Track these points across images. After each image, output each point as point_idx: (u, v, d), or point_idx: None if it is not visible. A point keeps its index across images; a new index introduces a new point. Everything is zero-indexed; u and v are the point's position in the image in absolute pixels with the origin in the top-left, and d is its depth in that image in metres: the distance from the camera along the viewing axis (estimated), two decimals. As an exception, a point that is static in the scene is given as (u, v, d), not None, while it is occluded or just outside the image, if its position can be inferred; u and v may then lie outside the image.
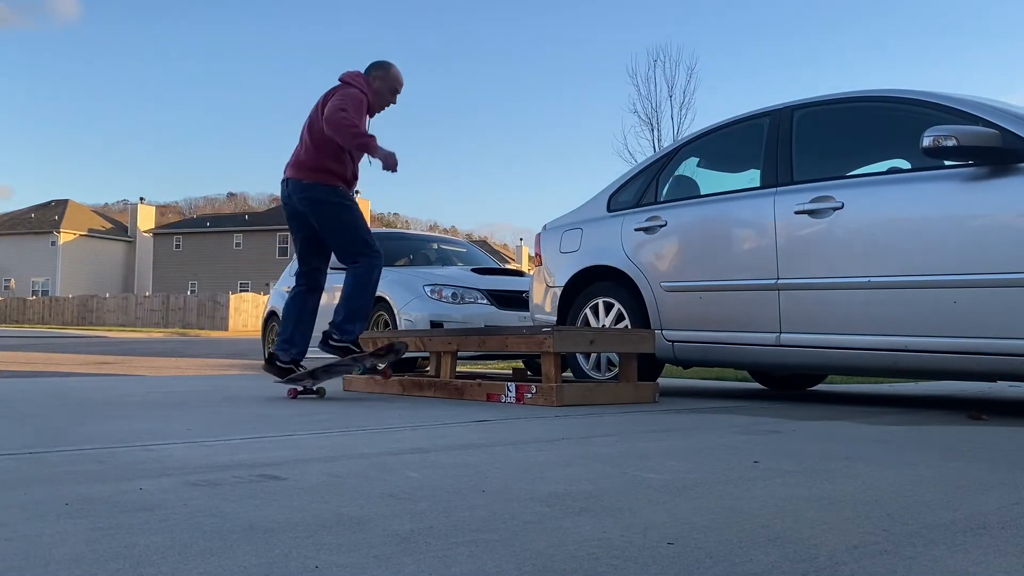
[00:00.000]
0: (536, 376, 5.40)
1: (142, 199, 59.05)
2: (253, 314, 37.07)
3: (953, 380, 3.90)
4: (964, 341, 3.26)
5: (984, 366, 3.24)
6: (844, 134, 4.06)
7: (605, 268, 4.72)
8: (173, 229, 56.09)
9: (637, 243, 4.57)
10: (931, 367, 3.41)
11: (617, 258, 4.64)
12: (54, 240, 53.86)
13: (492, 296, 6.71)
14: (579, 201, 5.24)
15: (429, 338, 4.58)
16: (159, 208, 69.39)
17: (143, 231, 57.00)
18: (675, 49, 53.59)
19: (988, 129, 3.25)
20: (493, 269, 7.47)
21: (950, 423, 3.08)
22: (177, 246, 53.91)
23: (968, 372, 3.34)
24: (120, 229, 59.49)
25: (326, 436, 2.61)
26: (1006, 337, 3.15)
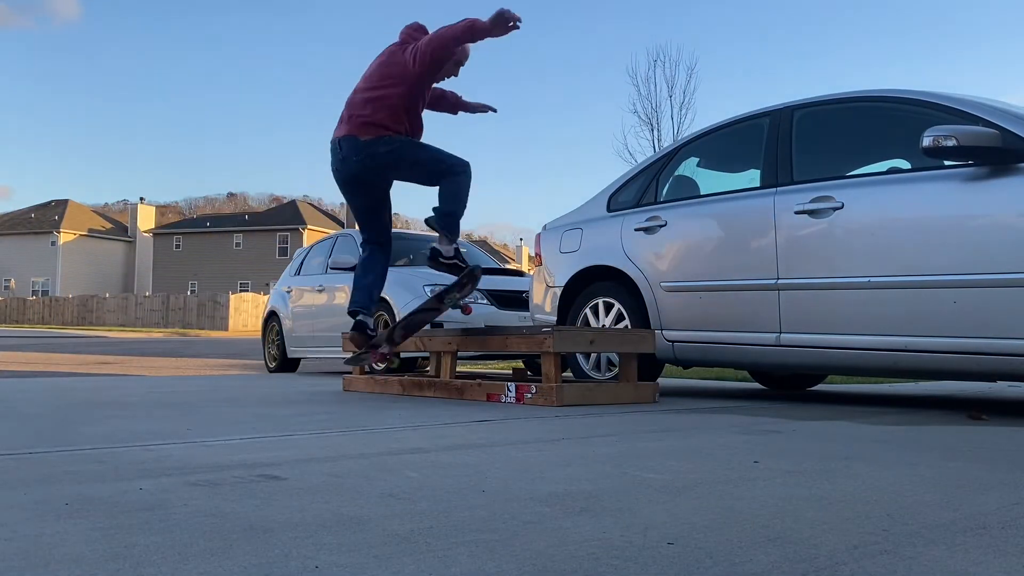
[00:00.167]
0: (536, 376, 5.40)
1: (142, 199, 59.08)
2: (253, 314, 37.07)
3: (953, 380, 3.90)
4: (964, 341, 3.27)
5: (984, 366, 3.24)
6: (844, 134, 4.06)
7: (605, 268, 4.72)
8: (173, 229, 56.11)
9: (637, 243, 4.57)
10: (931, 367, 3.41)
11: (617, 258, 4.64)
12: (54, 240, 53.86)
13: (492, 296, 6.72)
14: (579, 201, 5.25)
15: (429, 338, 4.57)
16: (159, 208, 69.39)
17: (143, 231, 57.01)
18: (675, 49, 53.77)
19: (988, 129, 3.25)
20: (493, 269, 7.48)
21: (950, 423, 3.08)
22: (177, 246, 53.92)
23: (968, 372, 3.34)
24: (120, 229, 59.50)
25: (326, 436, 2.61)
26: (1006, 337, 3.15)
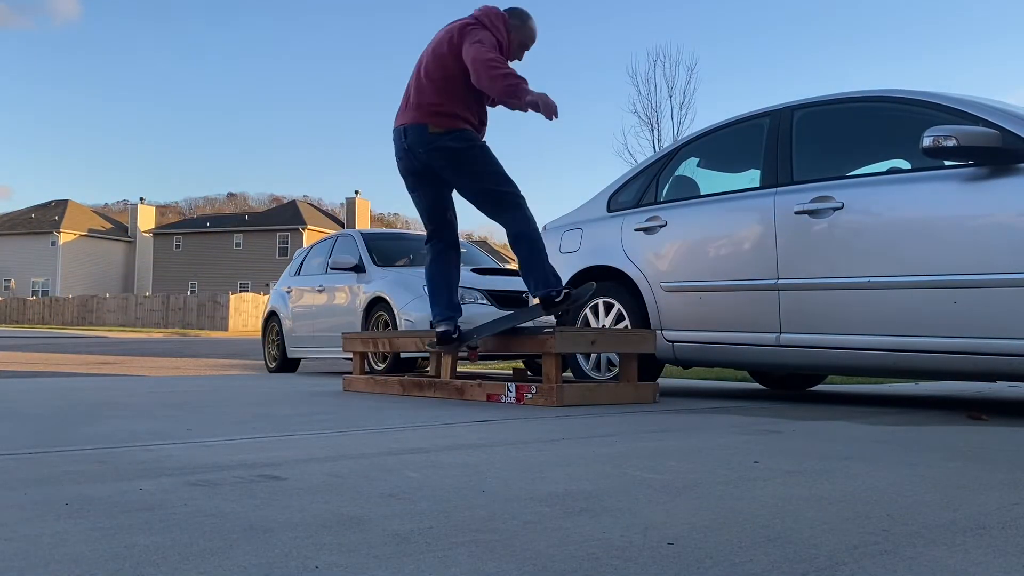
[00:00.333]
0: (536, 376, 5.40)
1: (142, 199, 59.14)
2: (253, 314, 37.08)
3: (953, 380, 3.89)
4: (964, 341, 3.26)
5: (984, 366, 3.24)
6: (844, 134, 4.06)
7: (605, 268, 4.72)
8: (173, 229, 56.11)
9: (637, 243, 4.57)
10: (931, 367, 3.41)
11: (617, 258, 4.64)
12: (54, 240, 53.87)
13: (492, 296, 6.71)
14: (579, 201, 5.24)
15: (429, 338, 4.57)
16: (159, 208, 69.45)
17: (143, 231, 57.03)
18: (675, 49, 53.75)
19: (988, 129, 3.25)
20: (493, 269, 7.48)
21: (950, 423, 3.08)
22: (177, 246, 53.92)
23: (968, 372, 3.34)
24: (120, 229, 59.52)
25: (326, 436, 2.62)
26: (1006, 337, 3.15)
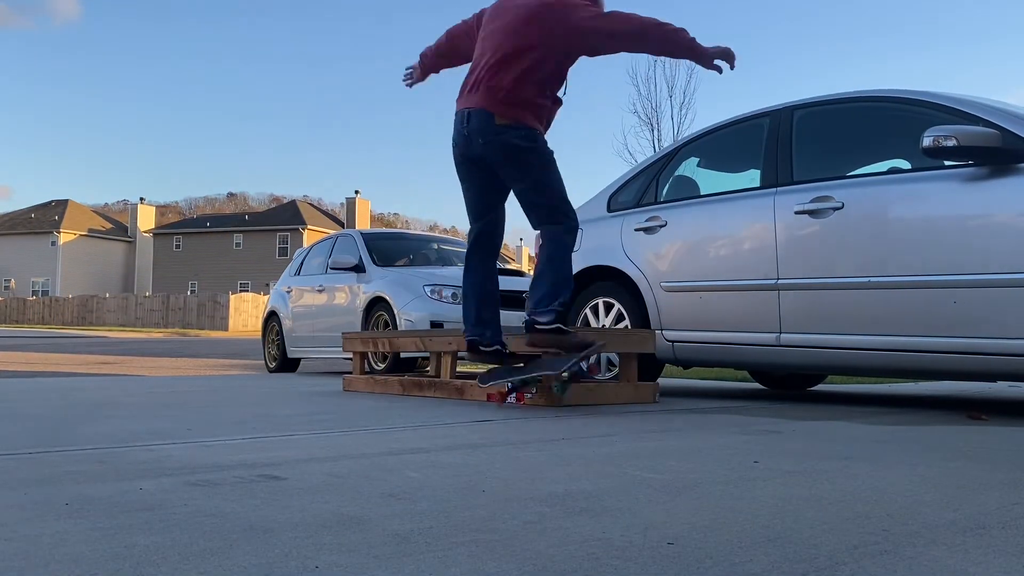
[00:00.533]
0: (536, 376, 5.38)
1: (142, 199, 59.11)
2: (253, 314, 37.06)
3: (953, 380, 3.90)
4: (964, 341, 3.26)
5: (984, 366, 3.24)
6: (844, 134, 4.06)
7: (605, 268, 4.72)
8: (173, 229, 56.11)
9: (637, 243, 4.57)
10: (931, 367, 3.41)
11: (617, 258, 4.64)
12: (54, 240, 53.86)
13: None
14: (579, 201, 5.23)
15: (429, 338, 4.58)
16: (159, 208, 69.44)
17: (143, 231, 57.01)
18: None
19: (988, 129, 3.25)
20: (493, 269, 7.45)
21: (950, 423, 3.08)
22: (177, 246, 53.92)
23: (968, 372, 3.34)
24: (120, 229, 59.51)
25: (326, 436, 2.61)
26: (1006, 337, 3.15)
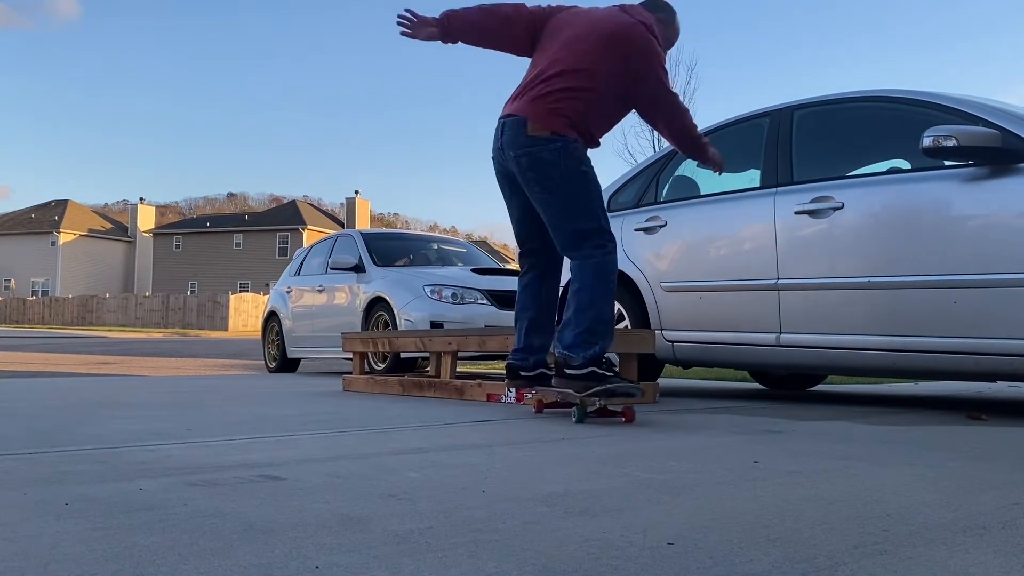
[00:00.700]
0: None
1: (142, 199, 59.10)
2: (253, 314, 37.04)
3: (953, 380, 3.90)
4: (964, 341, 3.26)
5: (984, 366, 3.24)
6: (844, 134, 4.06)
7: (605, 268, 4.71)
8: (173, 229, 56.09)
9: (637, 243, 4.57)
10: (931, 367, 3.41)
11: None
12: (54, 240, 53.86)
13: (492, 296, 6.71)
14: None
15: (429, 338, 4.58)
16: (159, 208, 69.44)
17: (143, 231, 57.00)
18: (675, 49, 53.73)
19: (988, 129, 3.25)
20: (493, 269, 7.47)
21: (950, 423, 3.08)
22: (177, 246, 53.91)
23: (968, 372, 3.34)
24: (120, 229, 59.50)
25: (327, 436, 2.61)
26: (1006, 337, 3.15)
